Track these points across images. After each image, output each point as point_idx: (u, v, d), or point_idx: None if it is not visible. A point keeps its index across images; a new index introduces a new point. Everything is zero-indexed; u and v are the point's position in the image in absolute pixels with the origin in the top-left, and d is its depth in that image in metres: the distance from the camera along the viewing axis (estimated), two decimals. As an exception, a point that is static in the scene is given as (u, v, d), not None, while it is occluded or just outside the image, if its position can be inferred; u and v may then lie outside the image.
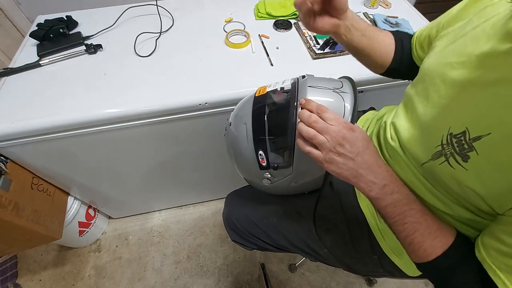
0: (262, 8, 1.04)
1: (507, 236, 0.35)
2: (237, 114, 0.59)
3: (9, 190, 0.77)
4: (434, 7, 1.83)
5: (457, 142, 0.38)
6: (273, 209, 0.71)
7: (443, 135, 0.41)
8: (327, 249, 0.65)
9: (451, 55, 0.44)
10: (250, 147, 0.53)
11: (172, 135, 0.87)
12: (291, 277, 1.21)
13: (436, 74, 0.45)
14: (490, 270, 0.36)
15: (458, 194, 0.41)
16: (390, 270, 0.61)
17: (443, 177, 0.42)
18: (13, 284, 1.20)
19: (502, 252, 0.35)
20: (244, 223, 0.73)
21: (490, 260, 0.36)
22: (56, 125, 0.73)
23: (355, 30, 0.56)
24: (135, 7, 1.05)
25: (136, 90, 0.79)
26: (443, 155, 0.41)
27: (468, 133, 0.37)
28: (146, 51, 0.90)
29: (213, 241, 1.31)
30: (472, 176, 0.37)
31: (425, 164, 0.45)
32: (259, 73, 0.84)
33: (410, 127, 0.49)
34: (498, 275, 0.35)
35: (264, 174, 0.54)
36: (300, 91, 0.51)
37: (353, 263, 0.65)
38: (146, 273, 1.23)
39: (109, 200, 1.20)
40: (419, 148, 0.46)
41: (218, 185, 1.28)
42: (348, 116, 0.49)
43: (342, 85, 0.53)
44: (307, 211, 0.67)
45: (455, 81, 0.41)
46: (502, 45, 0.36)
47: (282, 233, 0.68)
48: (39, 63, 0.85)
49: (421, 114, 0.46)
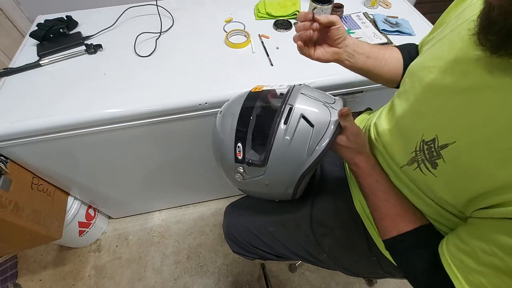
0: (262, 8, 1.04)
1: (467, 235, 0.36)
2: (229, 105, 0.60)
3: (9, 190, 0.77)
4: (434, 7, 1.83)
5: (427, 149, 0.40)
6: (270, 218, 0.71)
7: (417, 142, 0.42)
8: (326, 254, 0.65)
9: (429, 58, 0.45)
10: (231, 137, 0.54)
11: (172, 135, 0.87)
12: (291, 277, 1.21)
13: (416, 77, 0.46)
14: (446, 263, 0.37)
15: (431, 198, 0.43)
16: (390, 270, 0.61)
17: (418, 182, 0.44)
18: (13, 284, 1.20)
19: (460, 249, 0.36)
20: (243, 234, 0.73)
21: (448, 255, 0.38)
22: (56, 125, 0.73)
23: (358, 54, 0.57)
24: (135, 7, 1.05)
25: (136, 90, 0.79)
26: (416, 162, 0.42)
27: (437, 140, 0.38)
28: (146, 51, 0.90)
29: (213, 241, 1.31)
30: (441, 183, 0.39)
31: (403, 168, 0.47)
32: (259, 73, 0.84)
33: (390, 130, 0.51)
34: (452, 270, 0.36)
35: (238, 168, 0.55)
36: (292, 96, 0.52)
37: (352, 266, 0.65)
38: (146, 273, 1.23)
39: (109, 200, 1.20)
40: (397, 151, 0.48)
41: (218, 185, 1.28)
42: (330, 131, 0.50)
43: (334, 101, 0.54)
44: (304, 217, 0.67)
45: (430, 85, 0.42)
46: (473, 51, 0.36)
47: (280, 242, 0.69)
48: (39, 63, 0.85)
49: (399, 117, 0.48)
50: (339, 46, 0.55)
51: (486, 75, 0.34)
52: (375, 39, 0.92)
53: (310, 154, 0.50)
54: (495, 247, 0.32)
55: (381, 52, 0.59)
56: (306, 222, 0.66)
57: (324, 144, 0.49)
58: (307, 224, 0.66)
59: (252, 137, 0.52)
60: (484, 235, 0.34)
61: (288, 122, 0.49)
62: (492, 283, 0.33)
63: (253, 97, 0.56)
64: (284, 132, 0.49)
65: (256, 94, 0.57)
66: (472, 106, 0.35)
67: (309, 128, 0.49)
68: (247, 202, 0.79)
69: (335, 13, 0.93)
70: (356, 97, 0.89)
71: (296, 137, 0.49)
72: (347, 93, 0.86)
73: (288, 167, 0.52)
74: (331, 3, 0.89)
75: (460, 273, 0.36)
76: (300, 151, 0.50)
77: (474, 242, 0.35)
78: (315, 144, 0.50)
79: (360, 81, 0.83)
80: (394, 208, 0.46)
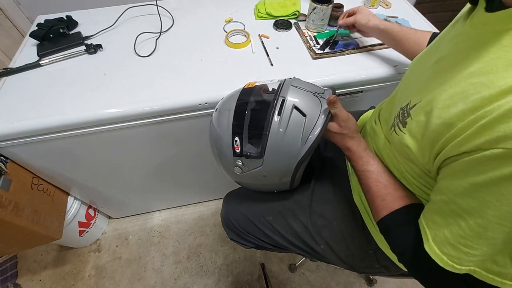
0: (262, 8, 1.04)
1: (433, 194, 0.39)
2: (224, 102, 0.62)
3: (9, 190, 0.77)
4: (434, 7, 1.83)
5: (401, 113, 0.45)
6: (269, 207, 0.71)
7: (398, 110, 0.46)
8: (323, 246, 0.66)
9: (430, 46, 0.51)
10: (228, 132, 0.56)
11: (172, 135, 0.87)
12: (291, 277, 1.21)
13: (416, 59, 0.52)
14: (422, 229, 0.40)
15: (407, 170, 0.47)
16: (386, 264, 0.62)
17: (396, 146, 0.47)
18: (13, 284, 1.20)
19: (431, 210, 0.39)
20: (242, 221, 0.73)
21: (424, 219, 0.40)
22: (56, 125, 0.73)
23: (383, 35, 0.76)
24: (135, 7, 1.05)
25: (136, 90, 0.79)
26: (393, 126, 0.47)
27: (410, 104, 0.43)
28: (146, 51, 0.90)
29: (213, 241, 1.31)
30: (410, 140, 0.42)
31: (387, 136, 0.51)
32: (259, 73, 0.84)
33: (387, 106, 0.56)
34: (425, 231, 0.39)
35: (236, 162, 0.57)
36: (283, 89, 0.55)
37: (349, 259, 0.66)
38: (146, 273, 1.23)
39: (109, 200, 1.20)
40: (385, 123, 0.53)
41: (217, 185, 1.28)
42: (322, 119, 0.53)
43: (323, 91, 0.57)
44: (303, 208, 0.68)
45: (420, 60, 0.49)
46: (452, 28, 0.44)
47: (278, 231, 0.69)
48: (39, 63, 0.85)
49: (394, 96, 0.54)
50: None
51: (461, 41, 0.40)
52: (375, 39, 0.92)
53: (304, 142, 0.53)
54: (450, 194, 0.35)
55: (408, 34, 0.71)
56: (304, 213, 0.67)
57: (317, 132, 0.52)
58: (306, 215, 0.67)
59: (248, 131, 0.54)
60: (443, 187, 0.37)
61: (281, 113, 0.52)
62: (452, 232, 0.35)
63: (246, 93, 0.59)
64: (278, 123, 0.52)
65: (249, 90, 0.60)
66: (441, 70, 0.40)
67: (302, 118, 0.52)
68: (247, 191, 0.79)
69: (335, 13, 0.93)
70: (356, 97, 0.90)
71: (290, 127, 0.52)
72: (347, 93, 0.87)
73: (284, 157, 0.54)
74: (331, 3, 0.89)
75: (430, 232, 0.38)
76: (294, 140, 0.53)
77: (437, 197, 0.38)
78: (308, 133, 0.53)
79: (360, 81, 0.83)
80: (385, 188, 0.48)
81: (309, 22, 0.95)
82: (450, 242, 0.35)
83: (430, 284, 0.41)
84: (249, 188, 0.72)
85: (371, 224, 0.59)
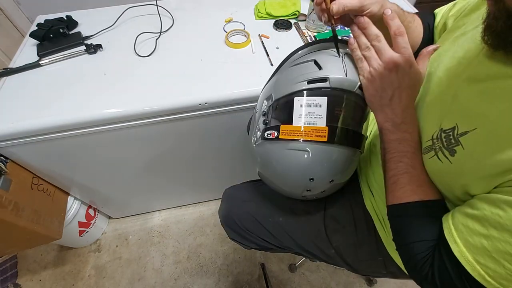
0: (262, 8, 1.04)
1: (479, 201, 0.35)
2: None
3: (9, 190, 0.77)
4: (434, 7, 1.82)
5: (445, 137, 0.40)
6: (280, 208, 0.68)
7: (435, 131, 0.42)
8: (334, 250, 0.64)
9: (455, 48, 0.45)
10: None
11: (172, 135, 0.87)
12: (291, 277, 1.21)
13: (441, 63, 0.46)
14: (447, 229, 0.37)
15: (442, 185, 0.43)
16: (393, 271, 0.61)
17: (430, 170, 0.43)
18: (13, 284, 1.20)
19: (467, 215, 0.36)
20: (246, 221, 0.70)
21: (452, 221, 0.38)
22: (56, 125, 0.73)
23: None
24: (135, 7, 1.05)
25: (136, 90, 0.79)
26: (433, 150, 0.42)
27: (457, 128, 0.38)
28: (146, 51, 0.90)
29: (213, 241, 1.31)
30: (455, 169, 0.38)
31: None
32: (259, 73, 0.84)
33: None
34: (452, 233, 0.36)
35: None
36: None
37: (356, 264, 0.65)
38: (146, 273, 1.23)
39: (109, 200, 1.20)
40: None
41: (218, 185, 1.27)
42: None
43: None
44: (317, 211, 0.66)
45: (450, 75, 0.43)
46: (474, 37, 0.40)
47: (288, 234, 0.67)
48: (39, 63, 0.85)
49: (418, 106, 0.47)
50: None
51: (503, 66, 0.35)
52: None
53: None
54: (507, 206, 0.31)
55: (409, 25, 0.59)
56: (319, 216, 0.65)
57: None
58: (321, 218, 0.64)
59: None
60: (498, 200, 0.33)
61: None
62: (494, 246, 0.32)
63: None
64: None
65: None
66: (491, 94, 0.36)
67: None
68: (252, 188, 0.75)
69: (335, 13, 0.93)
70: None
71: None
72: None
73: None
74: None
75: (459, 235, 0.35)
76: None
77: (485, 206, 0.34)
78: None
79: (360, 81, 0.83)
80: (424, 176, 0.44)
81: (309, 22, 0.95)
82: (492, 255, 0.32)
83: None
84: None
85: (383, 232, 0.57)
